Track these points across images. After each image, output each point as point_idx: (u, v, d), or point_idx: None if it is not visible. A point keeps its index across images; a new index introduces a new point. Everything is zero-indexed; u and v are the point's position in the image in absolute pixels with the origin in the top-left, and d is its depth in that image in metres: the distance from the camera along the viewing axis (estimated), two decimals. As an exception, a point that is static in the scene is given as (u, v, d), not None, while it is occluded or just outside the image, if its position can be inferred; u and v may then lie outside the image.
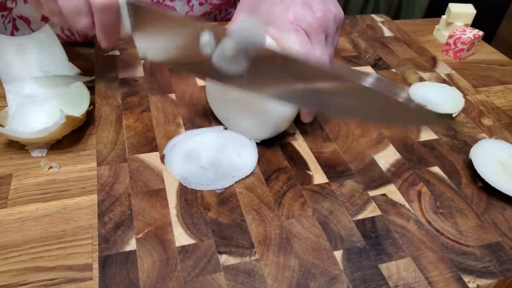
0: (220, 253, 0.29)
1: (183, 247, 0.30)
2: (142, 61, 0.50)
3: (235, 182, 0.35)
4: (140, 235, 0.30)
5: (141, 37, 0.38)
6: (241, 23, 0.31)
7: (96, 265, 0.32)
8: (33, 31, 0.56)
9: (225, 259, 0.29)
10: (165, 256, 0.29)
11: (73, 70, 0.49)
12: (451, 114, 0.44)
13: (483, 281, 0.29)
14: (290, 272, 0.29)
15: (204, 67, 0.35)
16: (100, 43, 0.39)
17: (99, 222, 0.31)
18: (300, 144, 0.40)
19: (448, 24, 0.67)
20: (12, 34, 0.56)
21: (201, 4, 0.61)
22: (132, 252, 0.29)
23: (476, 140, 0.41)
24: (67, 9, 0.36)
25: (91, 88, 0.46)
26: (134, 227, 0.31)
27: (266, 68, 0.32)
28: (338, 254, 0.30)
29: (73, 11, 0.36)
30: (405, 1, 2.02)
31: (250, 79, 0.33)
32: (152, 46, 0.38)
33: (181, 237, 0.30)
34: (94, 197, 0.38)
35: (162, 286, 0.27)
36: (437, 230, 0.33)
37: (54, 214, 0.36)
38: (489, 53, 0.66)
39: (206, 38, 0.32)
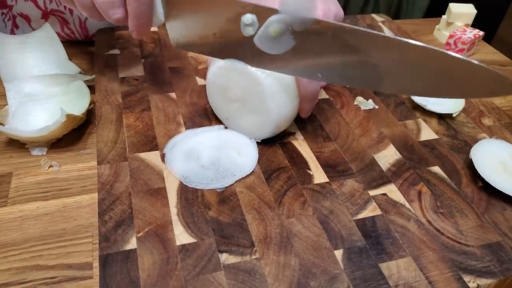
0: (221, 252, 0.29)
1: (183, 246, 0.30)
2: (143, 60, 0.50)
3: (236, 181, 0.35)
4: (141, 233, 0.30)
5: (175, 24, 0.36)
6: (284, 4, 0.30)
7: (96, 264, 0.32)
8: (33, 29, 0.56)
9: (226, 258, 0.29)
10: (165, 254, 0.29)
11: (74, 68, 0.50)
12: (451, 114, 0.44)
13: (483, 281, 0.29)
14: (291, 271, 0.29)
15: (245, 51, 0.33)
16: (132, 33, 0.38)
17: (99, 220, 0.31)
18: (301, 143, 0.40)
19: (449, 24, 0.67)
20: (12, 32, 0.56)
21: None
22: (133, 251, 0.29)
23: (476, 140, 0.41)
24: (101, 1, 0.35)
25: (91, 87, 0.46)
26: (135, 225, 0.31)
27: (313, 44, 0.31)
28: (338, 253, 0.30)
29: (107, 3, 0.35)
30: (405, 1, 2.02)
31: (296, 58, 0.32)
32: (185, 33, 0.37)
33: (181, 236, 0.30)
34: (94, 195, 0.38)
35: (163, 284, 0.27)
36: (438, 230, 0.33)
37: (54, 213, 0.36)
38: (489, 53, 0.66)
39: (248, 18, 0.31)
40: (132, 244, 0.30)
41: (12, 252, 0.33)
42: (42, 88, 0.45)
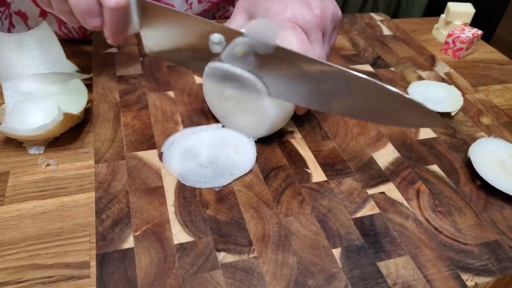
0: (218, 250, 0.29)
1: (181, 244, 0.30)
2: (141, 59, 0.50)
3: (234, 180, 0.35)
4: (138, 232, 0.30)
5: (148, 33, 0.39)
6: (256, 23, 0.33)
7: (93, 263, 0.32)
8: (29, 27, 0.55)
9: (223, 257, 0.29)
10: (163, 253, 0.29)
11: (71, 67, 0.49)
12: (450, 113, 0.44)
13: (481, 279, 0.29)
14: (289, 269, 0.29)
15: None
16: (106, 39, 0.39)
17: (96, 219, 0.31)
18: (299, 142, 0.40)
19: (447, 23, 0.67)
20: (8, 30, 0.56)
21: (199, 2, 0.60)
22: (130, 250, 0.29)
23: (474, 139, 0.41)
24: (78, 9, 0.36)
25: (89, 85, 0.45)
26: (132, 224, 0.31)
27: (272, 67, 0.33)
28: (336, 252, 0.30)
29: (85, 11, 0.36)
30: (404, 0, 2.02)
31: (258, 77, 0.35)
32: (158, 43, 0.39)
33: (179, 235, 0.30)
34: (92, 194, 0.37)
35: (160, 283, 0.27)
36: (436, 228, 0.32)
37: (52, 212, 0.36)
38: (488, 52, 0.66)
39: (216, 38, 0.34)
40: (129, 243, 0.30)
41: (9, 251, 0.33)
42: (40, 86, 0.45)
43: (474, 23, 0.67)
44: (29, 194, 0.37)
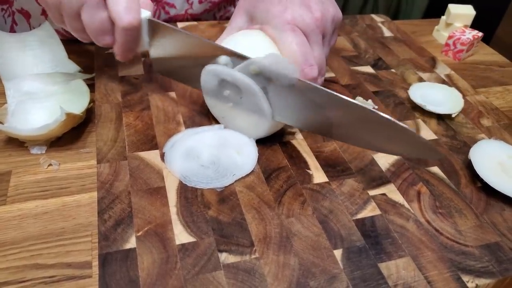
0: (220, 251, 0.29)
1: (183, 245, 0.30)
2: (143, 59, 0.50)
3: (235, 181, 0.35)
4: (140, 233, 0.30)
5: (157, 53, 0.40)
6: (268, 57, 0.33)
7: (95, 263, 0.32)
8: (31, 25, 0.55)
9: (225, 258, 0.29)
10: (165, 254, 0.29)
11: (73, 67, 0.49)
12: (450, 115, 0.44)
13: (482, 281, 0.29)
14: (290, 270, 0.29)
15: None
16: (116, 57, 0.40)
17: (99, 219, 0.31)
18: (300, 143, 0.40)
19: (448, 25, 0.67)
20: (11, 28, 0.56)
21: (200, 2, 0.60)
22: (132, 250, 0.29)
23: (475, 141, 0.41)
24: (91, 28, 0.37)
25: (91, 85, 0.45)
26: (134, 225, 0.31)
27: (282, 93, 0.34)
28: (337, 253, 0.30)
29: (97, 30, 0.37)
30: (404, 1, 2.03)
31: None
32: (168, 63, 0.40)
33: (181, 235, 0.30)
34: (94, 194, 0.38)
35: (162, 284, 0.27)
36: (436, 230, 0.33)
37: (54, 212, 0.36)
38: (488, 54, 0.66)
39: (224, 59, 0.35)
40: (131, 243, 0.30)
41: (11, 251, 0.33)
42: (42, 86, 0.45)
43: (474, 25, 0.67)
44: (31, 194, 0.38)
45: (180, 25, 0.58)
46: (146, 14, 0.38)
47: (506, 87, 0.58)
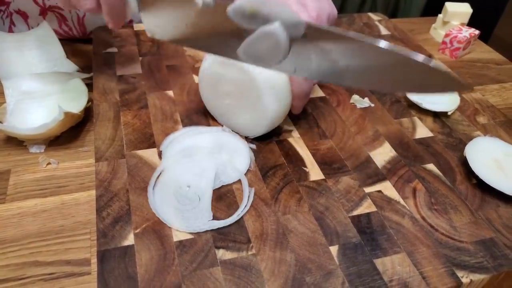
0: (217, 248, 0.30)
1: (180, 242, 0.30)
2: (140, 58, 0.50)
3: (233, 182, 0.35)
4: (138, 230, 0.31)
5: (148, 15, 0.37)
6: None
7: (94, 260, 0.33)
8: (29, 26, 0.56)
9: (222, 254, 0.29)
10: (163, 250, 0.29)
11: (71, 66, 0.50)
12: (446, 112, 0.45)
13: (476, 276, 0.30)
14: (287, 266, 0.29)
15: (213, 42, 0.33)
16: (107, 24, 0.38)
17: (97, 217, 0.31)
18: (297, 141, 0.40)
19: (445, 23, 0.67)
20: (9, 29, 0.56)
21: None
22: (130, 247, 0.30)
23: (471, 138, 0.41)
24: None
25: (89, 85, 0.46)
26: (132, 222, 0.31)
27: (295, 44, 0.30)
28: (333, 249, 0.30)
29: None
30: (403, 0, 2.03)
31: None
32: (160, 23, 0.37)
33: (178, 232, 0.31)
34: (92, 192, 0.38)
35: (160, 280, 0.28)
36: (432, 226, 0.33)
37: (53, 210, 0.36)
38: (485, 52, 0.67)
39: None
40: (129, 240, 0.30)
41: (11, 248, 0.33)
42: (40, 86, 0.45)
43: (472, 23, 0.68)
44: (30, 192, 0.38)
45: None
46: None
47: (502, 85, 0.59)
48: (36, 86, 0.45)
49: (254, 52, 0.31)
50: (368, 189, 0.36)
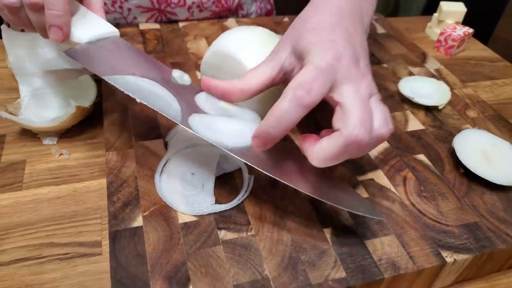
0: (220, 229, 0.32)
1: (185, 223, 0.32)
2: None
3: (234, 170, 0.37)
4: (146, 213, 0.33)
5: None
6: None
7: (105, 242, 0.35)
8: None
9: (224, 234, 0.32)
10: (169, 231, 0.32)
11: (80, 64, 0.52)
12: (437, 106, 0.47)
13: (460, 256, 0.32)
14: (283, 246, 0.31)
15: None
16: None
17: (108, 201, 0.34)
18: (294, 132, 0.42)
19: (440, 21, 0.70)
20: (22, 29, 0.59)
21: (200, 10, 0.63)
22: (139, 228, 0.32)
23: (460, 131, 0.43)
24: None
25: (97, 81, 0.48)
26: (141, 206, 0.34)
27: None
28: (327, 231, 0.33)
29: None
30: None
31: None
32: None
33: (183, 215, 0.33)
34: (102, 181, 0.40)
35: (167, 257, 0.30)
36: (420, 211, 0.35)
37: (66, 196, 0.39)
38: (480, 50, 0.69)
39: (177, 74, 0.37)
40: (138, 222, 0.32)
41: (28, 231, 0.36)
42: (52, 82, 0.48)
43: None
44: (45, 180, 0.40)
45: (180, 24, 0.61)
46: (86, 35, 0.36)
47: (494, 81, 0.61)
48: (48, 82, 0.48)
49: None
50: (361, 178, 0.38)
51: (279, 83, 0.33)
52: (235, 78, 0.34)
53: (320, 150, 0.29)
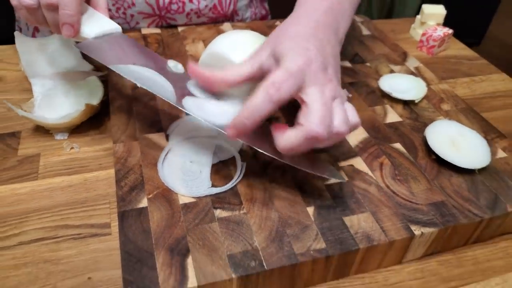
0: (215, 208, 0.37)
1: (185, 204, 0.37)
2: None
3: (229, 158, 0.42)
4: (151, 195, 0.37)
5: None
6: None
7: (113, 223, 0.40)
8: (52, 32, 0.63)
9: (219, 213, 0.36)
10: (171, 211, 0.36)
11: (87, 66, 0.57)
12: (414, 101, 0.51)
13: (427, 230, 0.36)
14: (271, 222, 0.36)
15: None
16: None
17: (117, 186, 0.38)
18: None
19: (422, 23, 0.74)
20: (33, 34, 0.63)
21: (198, 17, 0.68)
22: (145, 208, 0.36)
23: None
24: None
25: (104, 81, 0.53)
26: (145, 189, 0.38)
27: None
28: (310, 210, 0.37)
29: None
30: (397, 2, 2.10)
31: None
32: None
33: (183, 197, 0.37)
34: (109, 171, 0.45)
35: (169, 232, 0.34)
36: (394, 192, 0.40)
37: (77, 185, 0.43)
38: (460, 49, 0.73)
39: (172, 63, 0.42)
40: (143, 203, 0.37)
41: (45, 215, 0.40)
42: (62, 83, 0.52)
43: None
44: (58, 171, 0.45)
45: (180, 28, 0.66)
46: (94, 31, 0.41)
47: (472, 78, 0.65)
48: (59, 83, 0.52)
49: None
50: (342, 164, 0.42)
51: (257, 80, 0.37)
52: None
53: (285, 139, 0.34)
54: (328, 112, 0.34)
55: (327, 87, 0.35)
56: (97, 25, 0.43)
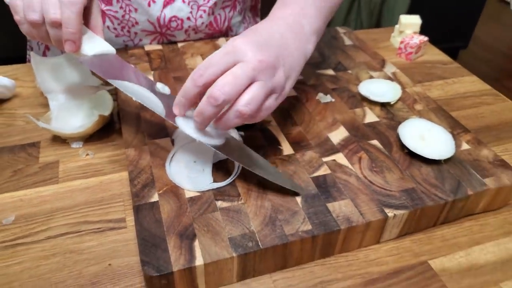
0: (217, 200, 0.43)
1: (191, 197, 0.43)
2: (152, 72, 0.64)
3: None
4: (161, 191, 0.43)
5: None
6: None
7: (129, 218, 0.45)
8: (62, 51, 0.69)
9: (221, 204, 0.42)
10: (178, 203, 0.42)
11: (96, 81, 0.63)
12: (389, 102, 0.58)
13: (399, 212, 0.42)
14: (265, 210, 0.42)
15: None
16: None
17: (131, 184, 0.44)
18: (275, 128, 0.53)
19: (400, 32, 0.81)
20: (44, 53, 0.69)
21: (196, 33, 0.74)
22: (156, 202, 0.42)
23: (407, 121, 0.54)
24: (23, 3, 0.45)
25: (113, 94, 0.59)
26: (156, 186, 0.44)
27: None
28: (298, 199, 0.43)
29: (27, 4, 0.44)
30: (385, 10, 2.18)
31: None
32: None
33: (189, 191, 0.43)
34: (122, 174, 0.51)
35: (178, 221, 0.40)
36: (370, 182, 0.46)
37: (94, 187, 0.49)
38: (435, 55, 0.80)
39: (159, 86, 0.48)
40: (155, 198, 0.43)
41: (67, 213, 0.46)
42: (75, 97, 0.59)
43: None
44: (76, 175, 0.51)
45: (179, 44, 0.72)
46: (95, 49, 0.47)
47: (445, 81, 0.72)
48: (72, 97, 0.59)
49: None
50: (325, 159, 0.48)
51: None
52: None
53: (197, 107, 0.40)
54: (233, 81, 0.37)
55: (263, 76, 0.38)
56: (95, 45, 0.48)
